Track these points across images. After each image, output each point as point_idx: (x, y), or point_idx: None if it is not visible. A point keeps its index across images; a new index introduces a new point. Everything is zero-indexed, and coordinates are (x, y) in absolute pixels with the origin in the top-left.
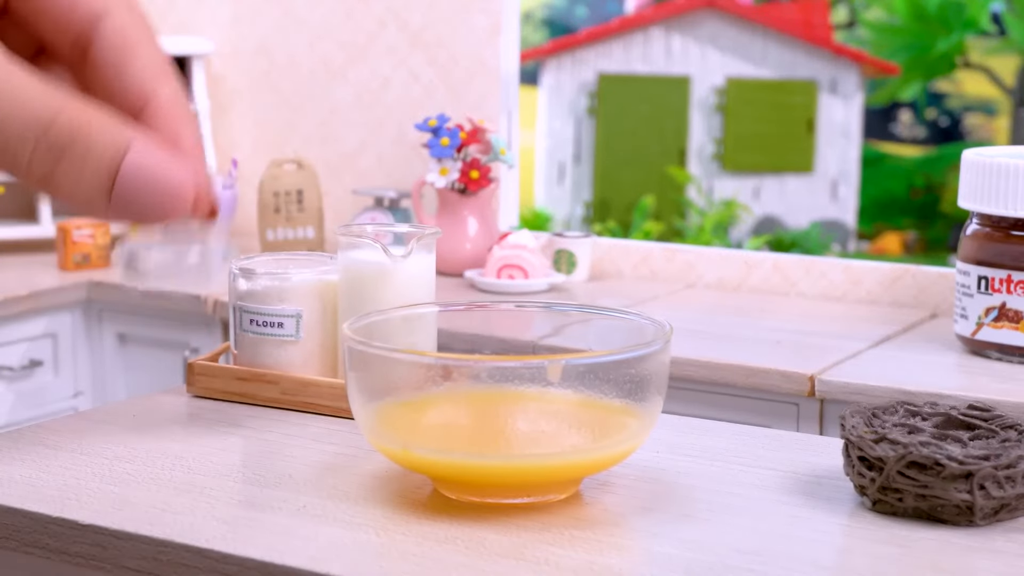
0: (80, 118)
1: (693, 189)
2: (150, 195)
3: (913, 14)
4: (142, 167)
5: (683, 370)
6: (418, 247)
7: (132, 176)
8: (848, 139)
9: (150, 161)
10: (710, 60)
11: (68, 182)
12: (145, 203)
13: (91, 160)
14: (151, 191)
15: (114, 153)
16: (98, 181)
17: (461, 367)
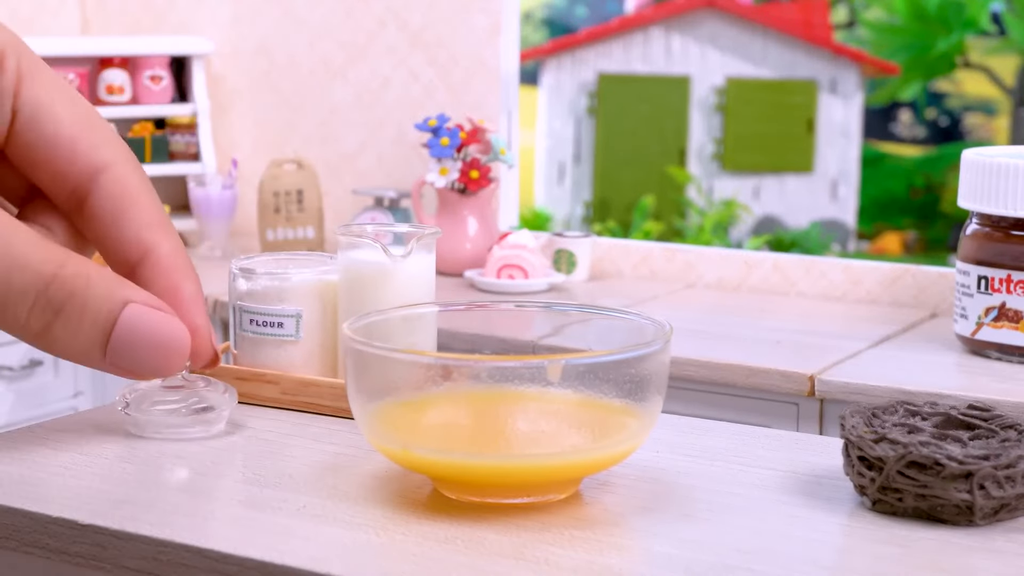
0: (78, 275)
1: (693, 189)
2: (145, 351)
3: (913, 14)
4: (138, 324)
5: (683, 370)
6: (418, 247)
7: (127, 332)
8: (848, 139)
9: (146, 318)
10: (710, 60)
11: (64, 337)
12: (141, 358)
13: (87, 316)
14: (146, 347)
15: (110, 309)
16: (94, 336)
17: (461, 367)
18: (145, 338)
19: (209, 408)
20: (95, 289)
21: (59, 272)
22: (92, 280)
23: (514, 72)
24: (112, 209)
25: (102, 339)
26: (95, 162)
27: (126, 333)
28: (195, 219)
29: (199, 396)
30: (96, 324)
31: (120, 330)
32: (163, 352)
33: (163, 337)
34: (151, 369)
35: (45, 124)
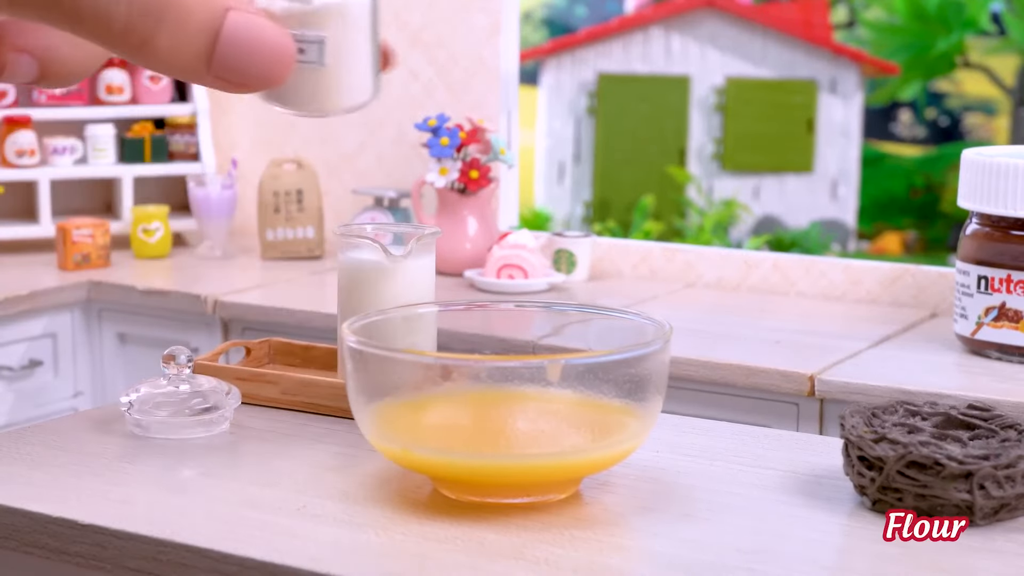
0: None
1: (693, 189)
2: (252, 57)
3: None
4: (242, 30)
5: (683, 370)
6: (418, 247)
7: (233, 39)
8: (848, 139)
9: (250, 23)
10: (710, 60)
11: (168, 47)
12: (248, 66)
13: (191, 23)
14: (253, 54)
15: (213, 16)
16: (198, 46)
17: (461, 367)
18: (251, 45)
19: (212, 409)
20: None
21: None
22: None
23: (514, 72)
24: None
25: (207, 48)
26: None
27: (231, 40)
28: (195, 219)
29: (202, 397)
30: (200, 32)
31: (225, 37)
32: (270, 58)
33: (269, 42)
34: (259, 77)
35: None
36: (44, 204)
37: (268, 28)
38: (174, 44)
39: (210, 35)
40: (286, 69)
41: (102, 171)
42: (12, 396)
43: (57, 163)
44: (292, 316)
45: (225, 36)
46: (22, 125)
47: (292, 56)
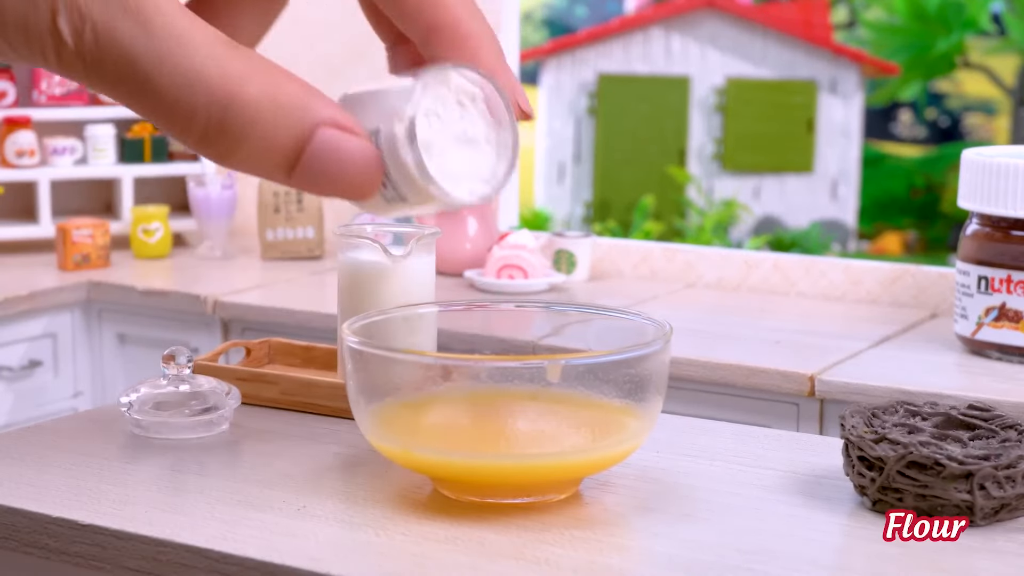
0: (262, 96)
1: (693, 189)
2: (335, 177)
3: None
4: (327, 151)
5: (683, 370)
6: (417, 247)
7: (316, 160)
8: (848, 139)
9: (336, 143)
10: (710, 60)
11: (246, 162)
12: (329, 184)
13: (272, 144)
14: (336, 174)
15: (299, 136)
16: (278, 162)
17: (461, 367)
18: (335, 165)
19: (212, 409)
20: (281, 113)
21: (240, 93)
22: (279, 102)
23: (514, 72)
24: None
25: (287, 165)
26: None
27: (314, 160)
28: (195, 219)
29: (202, 397)
30: (282, 152)
31: (308, 157)
32: (353, 179)
33: (354, 165)
34: (340, 194)
35: None
36: (44, 204)
37: (355, 149)
38: (252, 160)
39: (291, 156)
40: (371, 190)
41: (102, 171)
42: (12, 396)
43: (57, 163)
44: (292, 316)
45: (307, 157)
46: (22, 125)
47: (378, 177)
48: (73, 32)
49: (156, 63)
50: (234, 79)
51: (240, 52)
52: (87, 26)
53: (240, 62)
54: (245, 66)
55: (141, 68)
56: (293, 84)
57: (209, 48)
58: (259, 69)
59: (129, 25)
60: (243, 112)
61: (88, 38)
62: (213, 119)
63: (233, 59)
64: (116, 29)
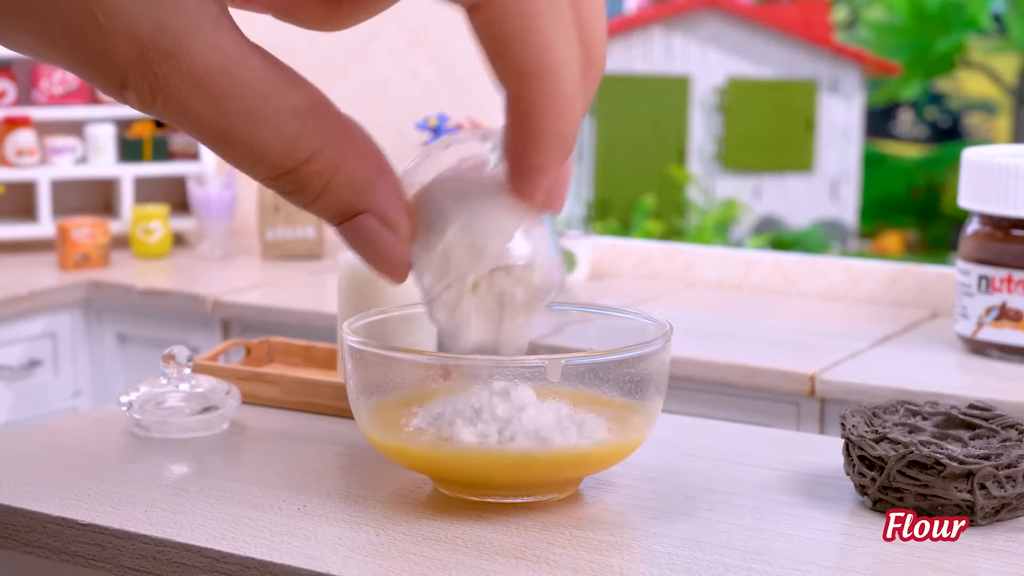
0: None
1: (693, 188)
2: (366, 259)
3: (913, 13)
4: (361, 237)
5: (683, 370)
6: None
7: (349, 239)
8: (848, 138)
9: (370, 235)
10: (710, 60)
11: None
12: (362, 259)
13: (316, 208)
14: (367, 257)
15: (339, 213)
16: (323, 217)
17: (461, 366)
18: (365, 251)
19: (212, 408)
20: (330, 191)
21: (300, 168)
22: (334, 182)
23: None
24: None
25: (333, 221)
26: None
27: (348, 238)
28: (195, 218)
29: (201, 397)
30: (324, 215)
31: (344, 233)
32: (380, 269)
33: (383, 258)
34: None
35: None
36: (44, 204)
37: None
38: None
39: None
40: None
41: (102, 171)
42: (12, 396)
43: (57, 163)
44: (292, 316)
45: (344, 233)
46: (22, 125)
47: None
48: (141, 101)
49: (226, 136)
50: (300, 156)
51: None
52: (157, 100)
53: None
54: (316, 142)
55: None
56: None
57: (280, 122)
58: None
59: (201, 102)
60: (296, 180)
61: (158, 107)
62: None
63: (303, 134)
64: (186, 104)
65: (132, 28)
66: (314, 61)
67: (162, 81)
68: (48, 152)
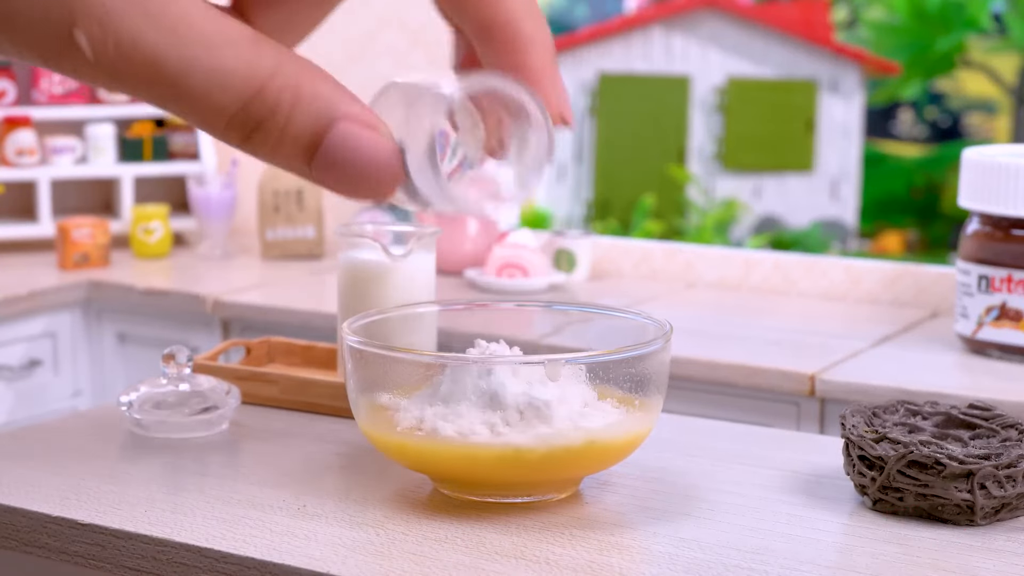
0: (285, 88)
1: (693, 188)
2: (351, 172)
3: (913, 13)
4: (344, 147)
5: (683, 369)
6: (418, 246)
7: (332, 154)
8: (848, 138)
9: (353, 140)
10: (710, 59)
11: (264, 150)
12: (346, 180)
13: (288, 135)
14: (352, 169)
15: (315, 129)
16: (295, 152)
17: (460, 366)
18: (351, 161)
19: (212, 408)
20: (301, 106)
21: (265, 85)
22: (300, 95)
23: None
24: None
25: (305, 156)
26: None
27: (330, 154)
28: (195, 219)
29: (201, 397)
30: (298, 143)
31: (325, 150)
32: (370, 176)
33: (373, 161)
34: (357, 192)
35: None
36: (44, 204)
37: (371, 146)
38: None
39: (308, 148)
40: (390, 189)
41: (102, 171)
42: (12, 396)
43: (57, 163)
44: (292, 316)
45: (324, 150)
46: (22, 125)
47: (397, 177)
48: (92, 44)
49: (185, 67)
50: (260, 73)
51: (268, 49)
52: (109, 38)
53: (268, 58)
54: (273, 61)
55: (169, 73)
56: (319, 80)
57: (237, 48)
58: (287, 64)
59: (154, 33)
60: (264, 103)
61: (110, 51)
62: (238, 113)
63: (261, 56)
64: (141, 38)
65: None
66: (314, 61)
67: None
68: (48, 152)
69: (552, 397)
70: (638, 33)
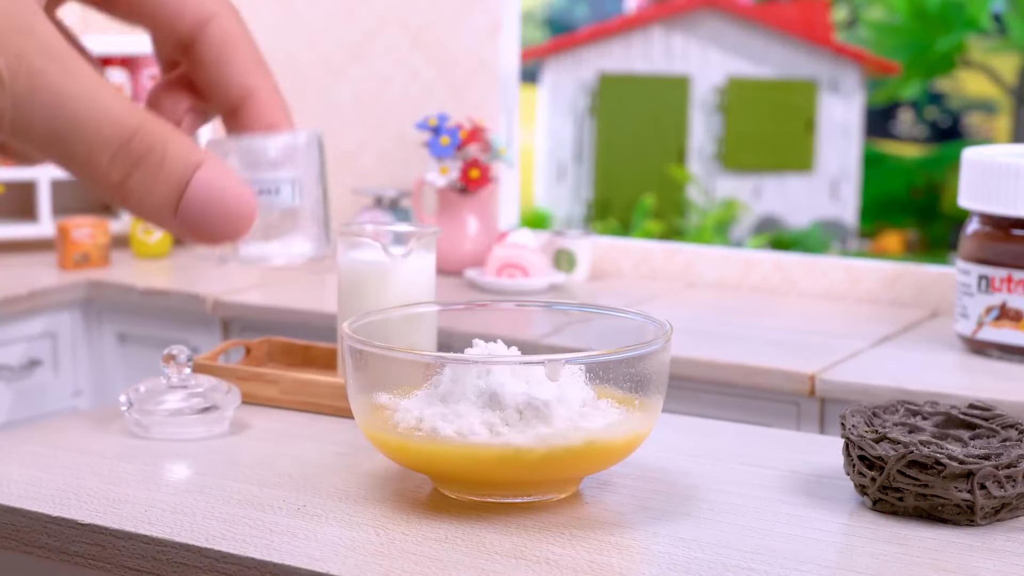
0: (158, 131)
1: (693, 188)
2: (215, 213)
3: (913, 13)
4: (209, 186)
5: (683, 369)
6: (418, 246)
7: (199, 193)
8: (848, 138)
9: (217, 182)
10: (710, 59)
11: (140, 190)
12: (210, 220)
13: (163, 171)
14: (216, 209)
15: (184, 168)
16: (168, 192)
17: (459, 366)
18: (215, 200)
19: (212, 408)
20: (173, 146)
21: (142, 125)
22: (171, 139)
23: (514, 72)
24: (217, 56)
25: (175, 196)
26: (200, 15)
27: (197, 195)
28: None
29: (201, 397)
30: (170, 180)
31: (192, 191)
32: (231, 217)
33: (231, 201)
34: (220, 233)
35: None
36: (44, 203)
37: (234, 187)
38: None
39: (179, 186)
40: (247, 225)
41: None
42: (12, 396)
43: None
44: (292, 316)
45: (192, 190)
46: None
47: (253, 214)
48: (9, 73)
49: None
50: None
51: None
52: (23, 68)
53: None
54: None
55: (68, 107)
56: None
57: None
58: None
59: (57, 70)
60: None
61: (23, 80)
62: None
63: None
64: (47, 72)
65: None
66: (314, 61)
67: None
68: None
69: (552, 397)
70: (638, 33)
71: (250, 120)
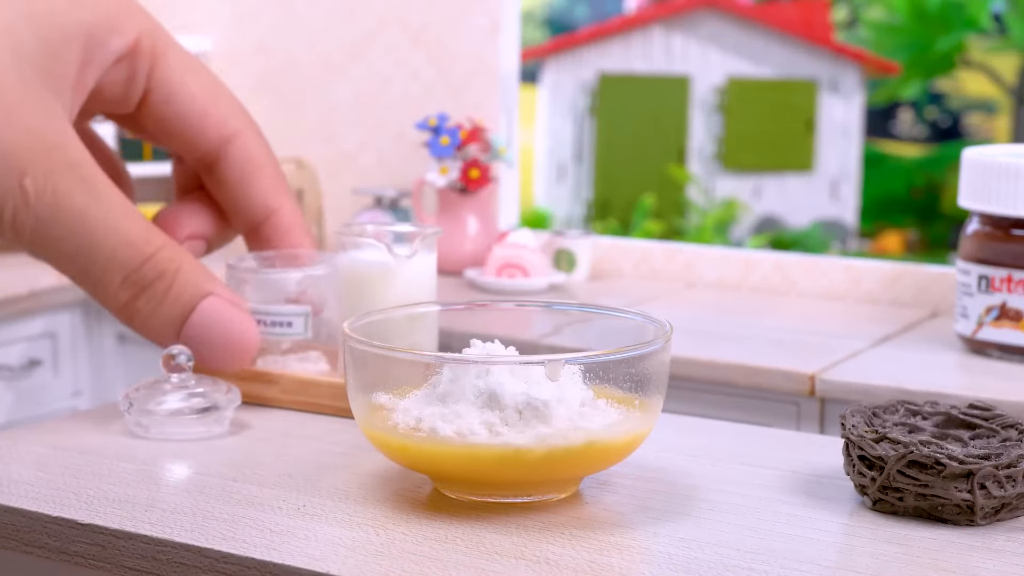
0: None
1: (693, 188)
2: (215, 343)
3: (913, 13)
4: (213, 316)
5: (683, 370)
6: (420, 246)
7: (202, 322)
8: (848, 138)
9: (221, 313)
10: (710, 59)
11: (144, 312)
12: (210, 349)
13: (169, 297)
14: (217, 339)
15: (192, 296)
16: (171, 317)
17: (457, 366)
18: (217, 331)
19: (212, 408)
20: (183, 275)
21: (157, 254)
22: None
23: (514, 72)
24: (240, 175)
25: (178, 322)
26: (224, 133)
27: (201, 322)
28: None
29: (201, 397)
30: (175, 307)
31: (196, 317)
32: (231, 347)
33: (234, 333)
34: (218, 361)
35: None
36: None
37: (237, 320)
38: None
39: (183, 312)
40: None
41: None
42: (12, 396)
43: None
44: None
45: (195, 317)
46: None
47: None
48: (36, 192)
49: (102, 223)
50: (154, 243)
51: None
52: (49, 187)
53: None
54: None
55: (88, 225)
56: (195, 261)
57: (138, 219)
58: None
59: (83, 191)
60: (155, 267)
61: (47, 200)
62: (134, 272)
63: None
64: (72, 194)
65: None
66: (314, 61)
67: (54, 174)
68: None
69: (551, 397)
70: (638, 33)
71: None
